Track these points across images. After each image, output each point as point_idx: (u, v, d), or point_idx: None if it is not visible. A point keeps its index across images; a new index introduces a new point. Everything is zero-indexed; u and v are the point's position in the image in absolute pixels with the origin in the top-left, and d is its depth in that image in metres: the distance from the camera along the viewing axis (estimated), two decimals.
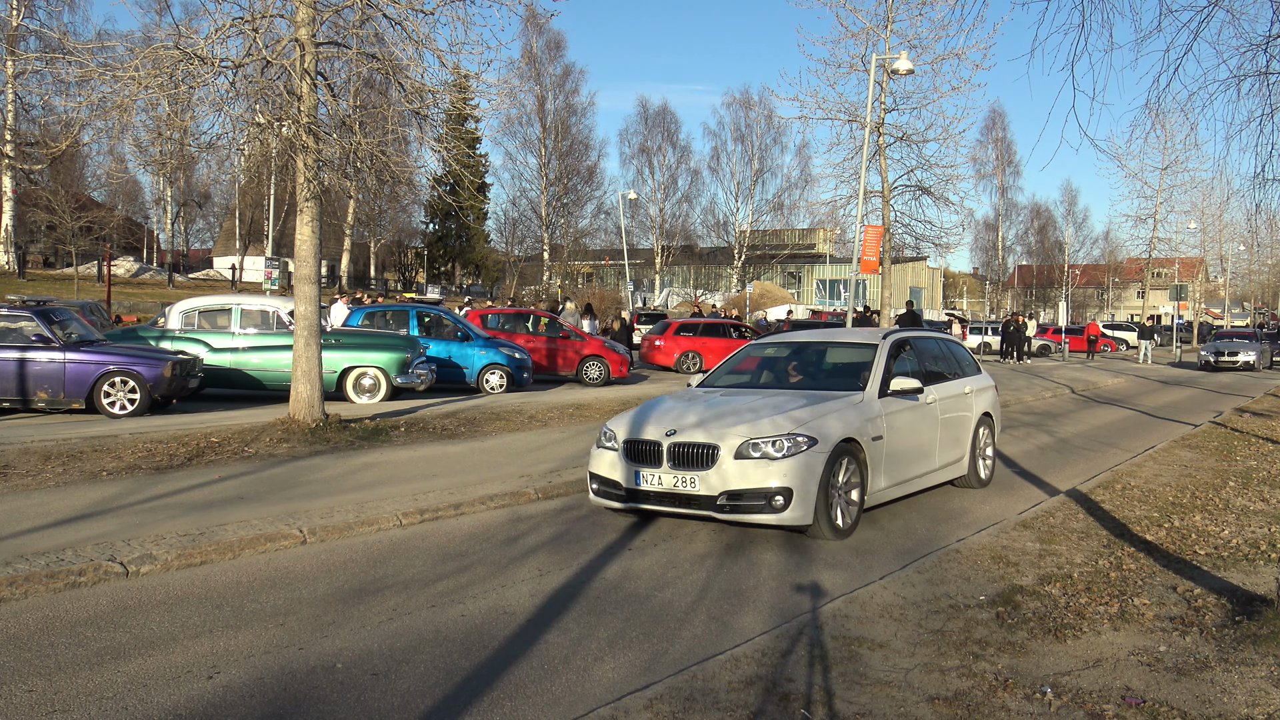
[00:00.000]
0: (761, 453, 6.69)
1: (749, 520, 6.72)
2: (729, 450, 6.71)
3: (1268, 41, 6.14)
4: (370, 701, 4.13)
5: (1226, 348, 33.29)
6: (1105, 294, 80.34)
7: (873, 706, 3.93)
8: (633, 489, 7.04)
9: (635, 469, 7.02)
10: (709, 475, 6.71)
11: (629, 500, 7.10)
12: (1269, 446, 12.15)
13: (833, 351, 8.99)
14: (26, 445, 9.87)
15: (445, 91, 11.95)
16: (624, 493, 7.10)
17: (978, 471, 9.27)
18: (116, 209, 48.63)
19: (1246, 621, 4.96)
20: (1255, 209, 19.41)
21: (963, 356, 9.80)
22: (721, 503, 6.67)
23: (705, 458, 6.76)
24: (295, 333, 11.35)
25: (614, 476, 7.16)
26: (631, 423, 7.32)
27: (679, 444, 6.87)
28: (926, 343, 9.35)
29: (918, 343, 9.05)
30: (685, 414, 7.26)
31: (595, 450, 7.48)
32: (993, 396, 9.84)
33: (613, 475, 7.17)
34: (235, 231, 54.36)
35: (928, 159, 23.86)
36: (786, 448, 6.69)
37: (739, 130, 60.80)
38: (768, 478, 6.62)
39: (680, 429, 6.97)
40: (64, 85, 21.21)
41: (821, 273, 66.79)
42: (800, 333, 9.77)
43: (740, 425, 6.87)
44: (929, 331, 9.88)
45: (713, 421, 7.00)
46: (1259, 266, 62.43)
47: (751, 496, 6.65)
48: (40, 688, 4.22)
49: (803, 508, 6.64)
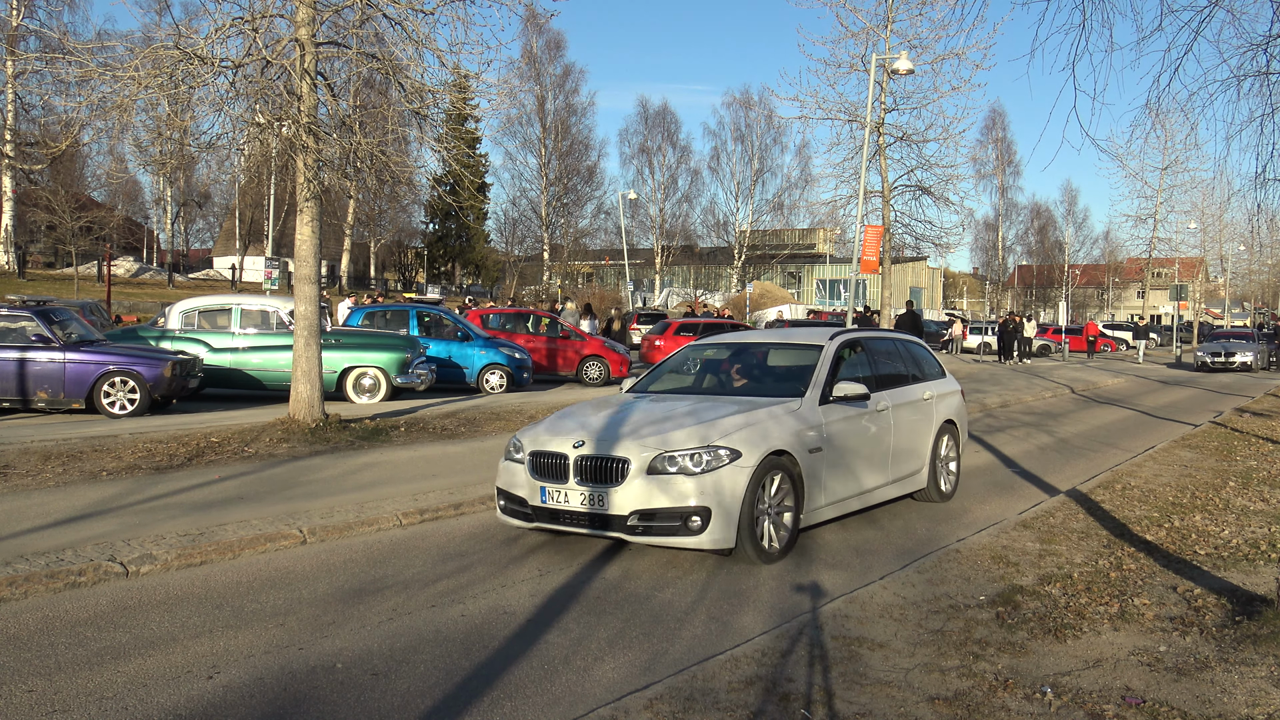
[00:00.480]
0: (678, 467, 6.05)
1: (664, 543, 6.13)
2: (640, 465, 6.08)
3: (1268, 41, 6.14)
4: (370, 701, 4.13)
5: (1223, 348, 32.59)
6: (1105, 294, 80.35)
7: (873, 706, 3.93)
8: (539, 507, 6.41)
9: (541, 484, 6.38)
10: (618, 492, 6.07)
11: (535, 519, 6.50)
12: (1269, 446, 12.15)
13: (775, 354, 8.29)
14: (26, 445, 9.87)
15: (445, 91, 11.95)
16: (530, 511, 6.49)
17: (939, 484, 8.57)
18: (116, 209, 48.65)
19: (1246, 621, 4.96)
20: (1255, 209, 19.44)
21: (924, 359, 9.12)
22: (632, 523, 6.04)
23: (614, 473, 6.12)
24: (295, 333, 11.35)
25: (520, 492, 6.54)
26: (541, 433, 6.69)
27: (586, 457, 6.23)
28: (881, 344, 8.66)
29: (871, 344, 8.38)
30: (599, 423, 6.61)
31: (503, 463, 6.85)
32: (957, 403, 9.17)
33: (519, 491, 6.55)
34: (235, 231, 54.37)
35: (928, 159, 23.93)
36: (705, 462, 6.05)
37: (739, 130, 60.87)
38: (683, 496, 5.98)
39: (590, 440, 6.32)
40: (64, 85, 21.22)
41: (821, 273, 66.80)
42: (743, 333, 8.90)
43: (655, 437, 6.22)
44: (885, 332, 9.20)
45: (627, 432, 6.35)
46: (1259, 266, 62.41)
47: (665, 516, 6.00)
48: (40, 688, 4.22)
49: (723, 529, 5.99)
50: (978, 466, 11.00)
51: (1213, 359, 32.14)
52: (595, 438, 6.35)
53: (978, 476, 10.31)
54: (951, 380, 9.29)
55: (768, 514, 6.34)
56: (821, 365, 7.34)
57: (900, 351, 8.79)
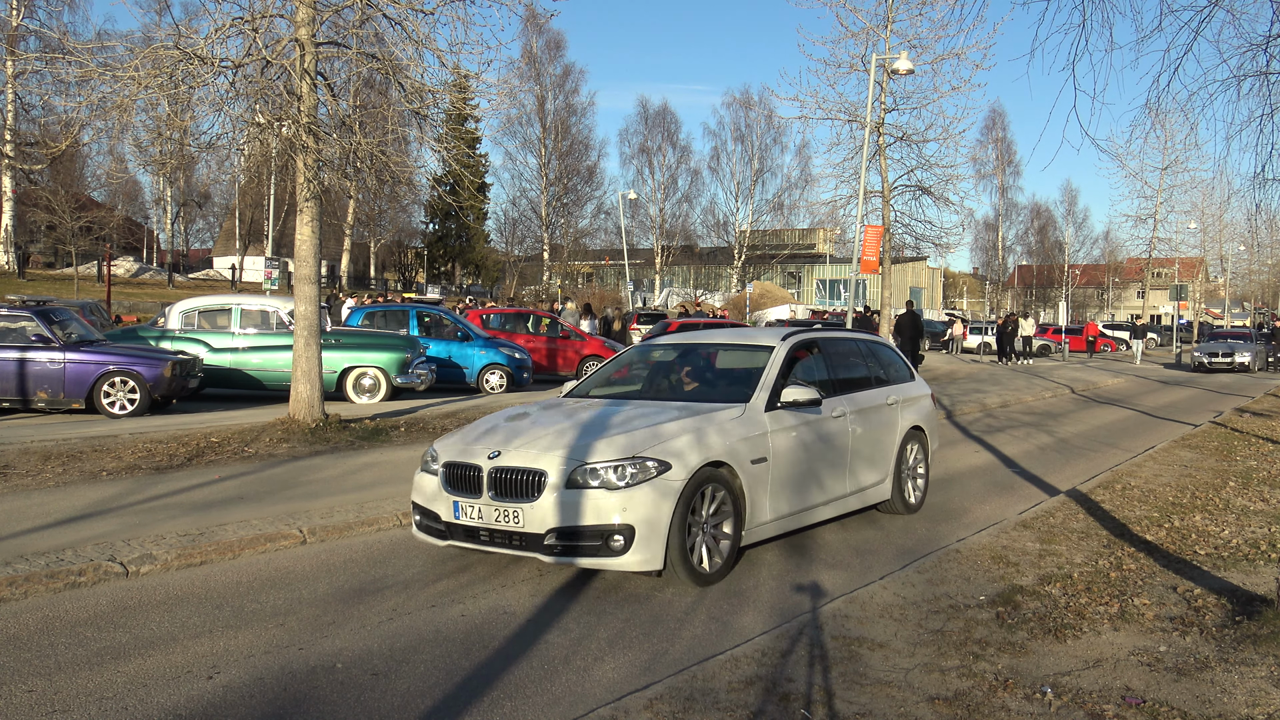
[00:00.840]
0: (600, 480, 5.53)
1: (585, 564, 5.61)
2: (558, 477, 5.57)
3: (1268, 41, 6.14)
4: (370, 701, 4.13)
5: (1220, 349, 32.04)
6: (1105, 294, 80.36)
7: (873, 706, 3.93)
8: (452, 523, 5.91)
9: (455, 498, 5.87)
10: (534, 508, 5.56)
11: (450, 536, 5.99)
12: (1269, 446, 12.15)
13: (724, 356, 7.79)
14: (26, 445, 9.87)
15: (445, 91, 11.95)
16: (444, 527, 5.99)
17: (904, 495, 8.04)
18: (116, 209, 48.64)
19: (1246, 621, 4.96)
20: (1255, 209, 19.39)
21: (890, 361, 8.61)
22: (550, 542, 5.53)
23: (530, 486, 5.62)
24: (295, 333, 11.35)
25: (434, 507, 6.02)
26: (458, 442, 6.18)
27: (501, 469, 5.72)
28: (842, 345, 8.11)
29: (829, 345, 7.81)
30: (521, 431, 6.13)
31: (418, 474, 6.32)
32: (926, 408, 8.65)
33: (433, 505, 6.03)
34: (235, 231, 54.38)
35: (928, 159, 23.91)
36: (630, 475, 5.52)
37: (739, 130, 60.88)
38: (604, 512, 5.46)
39: (507, 450, 5.83)
40: (64, 85, 21.21)
41: (821, 273, 66.81)
42: (693, 333, 8.37)
43: (577, 447, 5.73)
44: (847, 332, 8.72)
45: (548, 441, 5.86)
46: (1259, 266, 62.45)
47: (586, 535, 5.49)
48: (40, 688, 4.22)
49: (649, 549, 5.46)
50: (978, 466, 11.00)
51: (1210, 359, 31.69)
52: (513, 447, 5.85)
53: (978, 476, 10.31)
54: (920, 384, 8.82)
55: (703, 531, 5.85)
56: (770, 368, 6.77)
57: (862, 353, 8.25)
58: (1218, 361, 31.55)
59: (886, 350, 8.73)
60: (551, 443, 5.84)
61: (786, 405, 6.55)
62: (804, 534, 7.36)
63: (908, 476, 8.14)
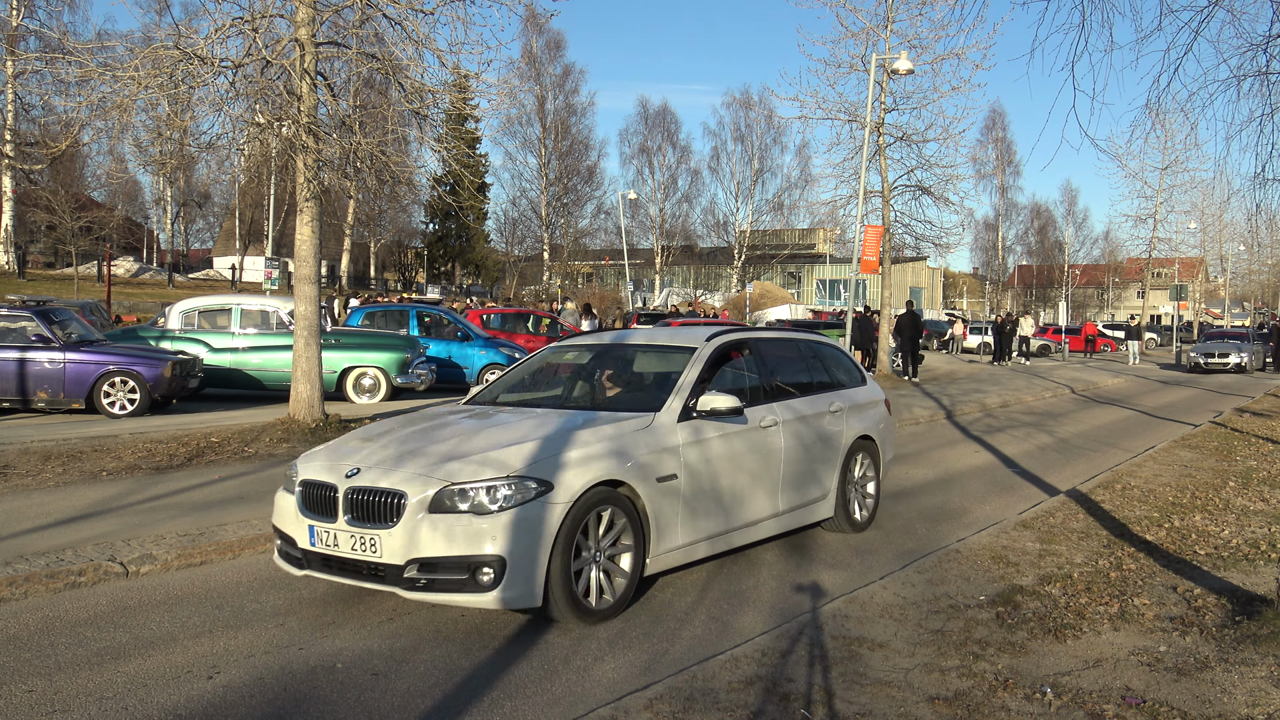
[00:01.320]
0: (469, 503, 4.81)
1: (448, 601, 4.85)
2: (420, 499, 4.84)
3: (1268, 41, 6.14)
4: (370, 701, 4.13)
5: (1216, 349, 31.47)
6: (1105, 294, 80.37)
7: (873, 706, 3.93)
8: (308, 550, 5.14)
9: (311, 522, 5.13)
10: (392, 535, 4.82)
11: (307, 565, 5.22)
12: (1269, 446, 12.15)
13: (642, 358, 7.02)
14: (26, 445, 9.87)
15: (445, 91, 11.95)
16: (300, 555, 5.22)
17: (849, 511, 7.34)
18: (116, 209, 48.64)
19: (1246, 621, 4.97)
20: (1255, 209, 19.43)
21: (837, 364, 7.91)
22: (411, 575, 4.78)
23: (388, 509, 4.88)
24: (295, 333, 11.35)
25: (292, 531, 5.25)
26: (325, 456, 5.48)
27: (358, 489, 4.99)
28: (779, 346, 7.41)
29: (763, 346, 7.07)
30: (395, 443, 5.45)
31: (279, 493, 5.54)
32: (878, 415, 7.94)
33: (291, 529, 5.26)
34: (235, 231, 54.39)
35: (928, 159, 23.84)
36: (503, 496, 4.80)
37: (739, 130, 60.89)
38: (472, 540, 4.72)
39: (369, 466, 5.11)
40: (64, 85, 21.21)
41: (821, 273, 66.81)
42: (613, 333, 7.75)
43: (447, 463, 5.00)
44: (788, 332, 8.02)
45: (417, 456, 5.14)
46: (1259, 266, 62.40)
47: (450, 567, 4.75)
48: (40, 688, 4.22)
49: (523, 583, 4.74)
50: (978, 466, 11.00)
51: (1206, 360, 31.16)
52: (377, 463, 5.14)
53: (978, 476, 10.31)
54: (872, 388, 8.19)
55: (594, 561, 5.14)
56: (688, 373, 6.06)
57: (804, 355, 7.56)
58: (1213, 362, 31.05)
59: (834, 352, 8.02)
60: (420, 459, 5.10)
61: (704, 414, 5.85)
62: (804, 534, 7.36)
63: (854, 492, 7.45)
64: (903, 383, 22.05)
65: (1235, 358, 30.96)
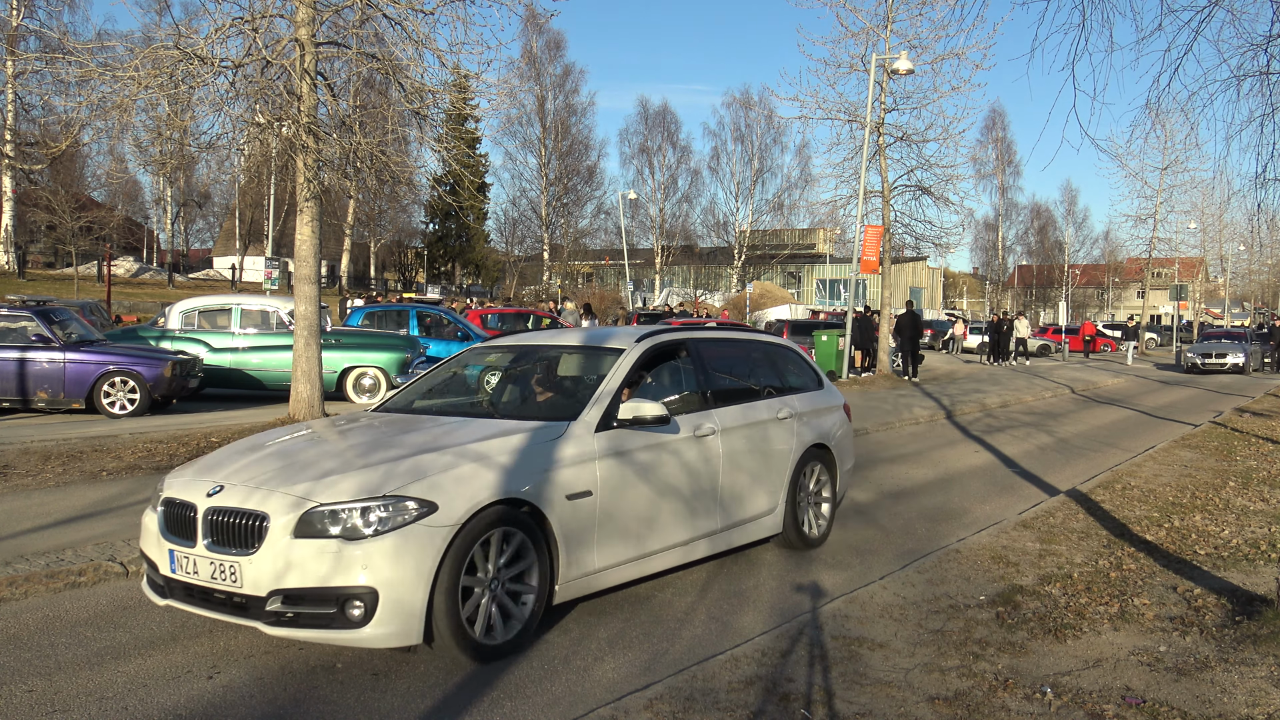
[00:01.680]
0: (342, 526, 4.27)
1: (317, 638, 4.29)
2: (286, 522, 4.29)
3: (1268, 41, 6.14)
4: (370, 701, 4.13)
5: (1214, 349, 30.98)
6: (1105, 294, 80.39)
7: (873, 706, 3.93)
8: (170, 578, 4.60)
9: (172, 546, 4.59)
10: (253, 562, 4.28)
11: (169, 595, 4.66)
12: (1269, 446, 12.15)
13: (565, 361, 6.47)
14: (26, 445, 9.87)
15: (445, 91, 11.95)
16: (162, 582, 4.68)
17: (800, 526, 6.72)
18: (116, 209, 48.65)
19: (1246, 621, 4.97)
20: (1255, 209, 19.43)
21: (791, 366, 7.33)
22: (275, 608, 4.24)
23: (251, 533, 4.35)
24: (295, 333, 11.36)
25: (154, 555, 4.73)
26: (192, 470, 4.96)
27: (219, 510, 4.45)
28: (722, 347, 6.90)
29: (703, 348, 6.44)
30: (271, 456, 4.89)
31: (145, 513, 5.00)
32: (835, 422, 7.32)
33: (154, 553, 4.74)
34: (235, 231, 54.41)
35: (928, 159, 23.86)
36: (380, 518, 4.27)
37: (739, 130, 60.87)
38: (342, 569, 4.19)
39: (236, 483, 4.57)
40: (64, 85, 21.21)
41: (821, 273, 66.81)
42: (536, 334, 7.13)
43: (318, 481, 4.45)
44: (734, 331, 7.38)
45: (288, 471, 4.61)
46: (1259, 266, 62.47)
47: (317, 600, 4.21)
48: (40, 688, 4.22)
49: (398, 619, 4.19)
50: (978, 466, 11.00)
51: (1203, 360, 30.73)
52: (245, 479, 4.60)
53: (978, 476, 10.31)
54: (829, 393, 7.55)
55: (490, 590, 4.57)
56: (611, 378, 5.53)
57: (751, 358, 7.06)
58: (1211, 362, 30.62)
59: (787, 353, 7.43)
60: (292, 475, 4.56)
61: (626, 423, 5.31)
62: None
63: (806, 505, 6.86)
64: (903, 383, 22.05)
65: (1233, 358, 30.55)
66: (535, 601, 4.75)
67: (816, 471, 7.01)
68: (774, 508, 6.50)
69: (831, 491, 7.18)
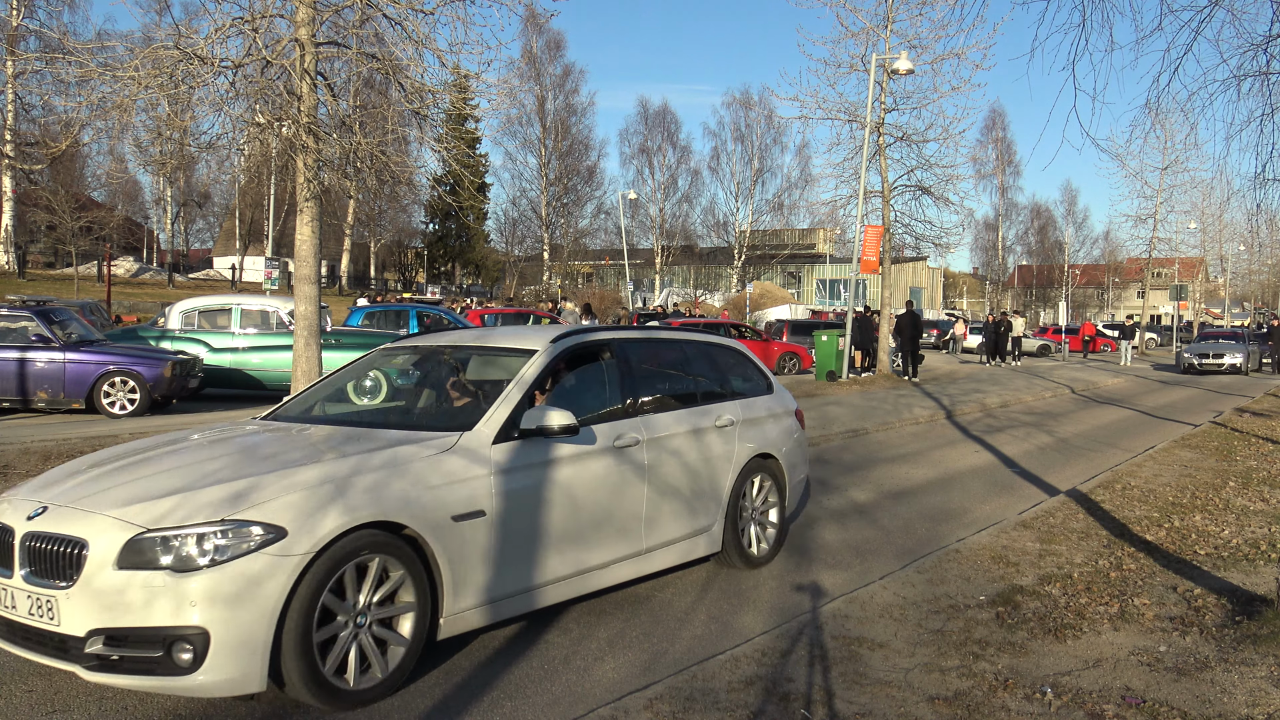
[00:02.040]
0: (174, 555, 3.71)
1: (142, 686, 3.75)
2: (108, 550, 3.74)
3: (1268, 41, 6.14)
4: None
5: (1211, 349, 30.50)
6: (1105, 294, 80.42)
7: (873, 706, 3.93)
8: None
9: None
10: (71, 597, 3.74)
11: None
12: (1269, 446, 12.15)
13: (476, 364, 5.89)
14: (26, 445, 9.87)
15: (445, 91, 11.95)
16: None
17: (742, 544, 6.19)
18: (116, 209, 48.66)
19: (1246, 621, 4.97)
20: (1255, 209, 19.42)
21: (736, 370, 6.79)
22: (95, 649, 3.70)
23: (69, 562, 3.80)
24: (295, 333, 11.35)
25: None
26: (26, 487, 4.41)
27: (37, 536, 3.90)
28: (653, 349, 6.25)
29: (630, 349, 5.83)
30: (109, 472, 4.33)
31: None
32: (784, 429, 6.78)
33: None
34: (235, 231, 54.45)
35: (928, 159, 23.86)
36: (218, 546, 3.72)
37: (739, 130, 60.95)
38: (171, 606, 3.65)
39: (63, 504, 4.01)
40: (64, 85, 21.21)
41: (821, 273, 66.84)
42: (447, 334, 6.40)
43: (155, 501, 3.89)
44: (667, 331, 6.75)
45: (120, 491, 4.04)
46: (1259, 266, 62.49)
47: (141, 641, 3.68)
48: (40, 688, 4.21)
49: (236, 663, 3.67)
50: (978, 466, 11.01)
51: (1200, 360, 30.36)
52: (74, 500, 4.03)
53: (978, 476, 10.31)
54: (780, 398, 6.99)
55: (357, 627, 4.03)
56: (517, 383, 4.99)
57: (689, 360, 6.47)
58: (1208, 363, 30.26)
59: (732, 355, 6.86)
60: (125, 493, 4.00)
61: (529, 434, 4.75)
62: (804, 534, 7.35)
63: (750, 520, 6.34)
64: (903, 383, 22.05)
65: (1231, 358, 30.20)
66: (413, 639, 4.19)
67: (762, 484, 6.45)
68: (711, 524, 5.95)
69: (780, 505, 6.59)
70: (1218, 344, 31.51)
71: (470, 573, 4.38)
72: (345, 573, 3.95)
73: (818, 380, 21.91)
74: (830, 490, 9.26)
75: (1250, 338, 34.08)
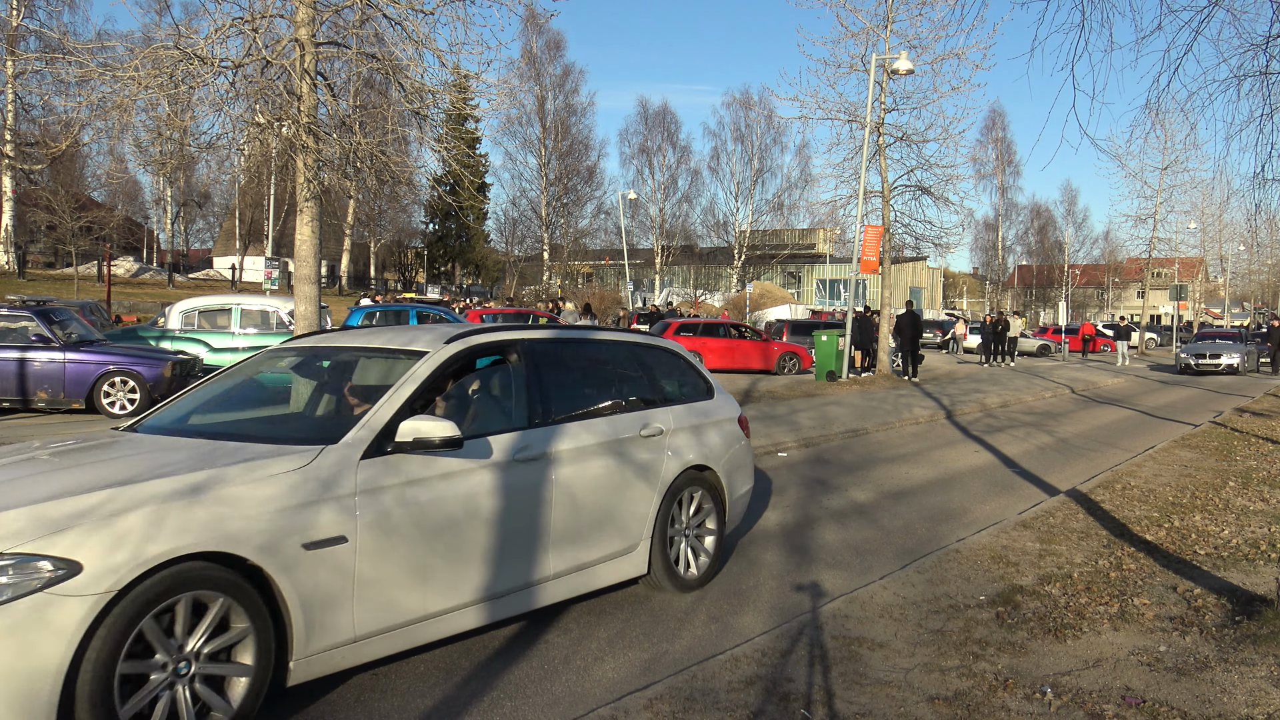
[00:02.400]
0: None
1: None
2: None
3: (1268, 41, 6.14)
4: (370, 701, 4.13)
5: (1208, 350, 30.12)
6: (1105, 294, 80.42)
7: (873, 706, 3.93)
8: None
9: None
10: None
11: None
12: (1269, 446, 12.15)
13: (363, 367, 5.32)
14: None
15: (445, 91, 11.95)
16: None
17: (671, 566, 5.64)
18: (116, 209, 48.68)
19: (1246, 621, 4.97)
20: (1255, 209, 19.43)
21: (669, 373, 6.22)
22: None
23: None
24: (295, 333, 11.36)
25: None
26: None
27: None
28: (569, 350, 5.68)
29: (539, 351, 5.25)
30: None
31: None
32: (726, 438, 6.22)
33: None
34: (235, 231, 54.45)
35: (928, 159, 23.86)
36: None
37: (739, 130, 60.94)
38: None
39: None
40: (64, 85, 21.21)
41: (821, 273, 66.84)
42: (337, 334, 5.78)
43: None
44: (584, 331, 6.09)
45: None
46: (1259, 266, 62.54)
47: None
48: None
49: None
50: (978, 466, 11.01)
51: (1197, 360, 30.06)
52: None
53: (978, 476, 10.31)
54: (723, 403, 6.43)
55: (175, 676, 3.45)
56: (397, 389, 4.43)
57: (611, 363, 5.93)
58: (1204, 363, 29.96)
59: (663, 357, 6.24)
60: None
61: (405, 447, 4.20)
62: (804, 534, 7.35)
63: (681, 539, 5.79)
64: (903, 383, 22.06)
65: (1228, 359, 29.88)
66: (250, 687, 3.61)
67: (697, 499, 5.90)
68: (634, 545, 5.39)
69: (718, 522, 6.00)
70: (1215, 344, 31.27)
71: (329, 609, 3.84)
72: (160, 613, 3.38)
73: (818, 380, 21.91)
74: (830, 490, 9.27)
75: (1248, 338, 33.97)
